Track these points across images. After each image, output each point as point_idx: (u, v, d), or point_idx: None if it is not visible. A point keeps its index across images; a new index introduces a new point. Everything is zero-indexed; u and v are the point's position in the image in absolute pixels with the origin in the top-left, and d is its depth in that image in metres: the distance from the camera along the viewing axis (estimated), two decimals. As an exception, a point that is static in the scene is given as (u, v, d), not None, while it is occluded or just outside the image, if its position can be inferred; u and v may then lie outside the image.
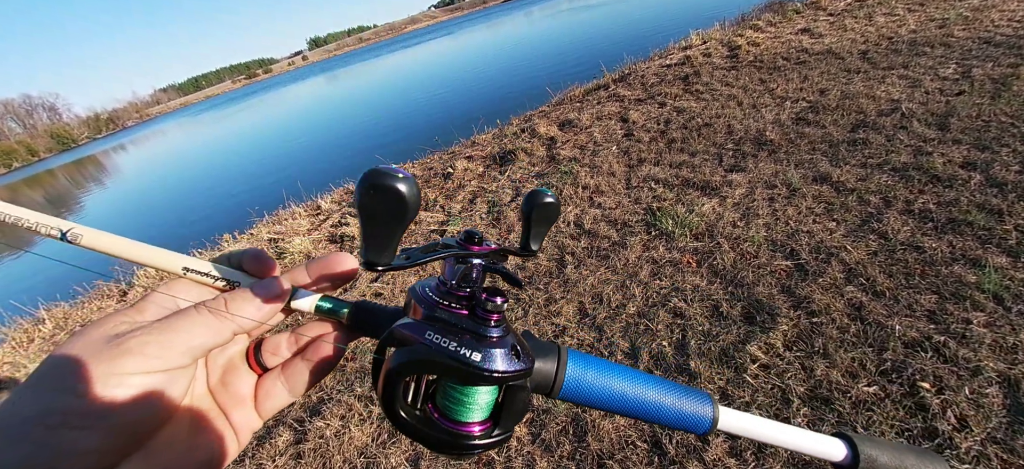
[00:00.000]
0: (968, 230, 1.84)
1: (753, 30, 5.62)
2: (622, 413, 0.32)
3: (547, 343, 0.32)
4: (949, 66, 3.23)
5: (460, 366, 0.26)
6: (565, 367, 0.32)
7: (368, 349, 0.29)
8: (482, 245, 0.32)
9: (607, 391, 0.32)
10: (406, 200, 0.23)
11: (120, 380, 0.23)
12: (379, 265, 0.26)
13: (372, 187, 0.23)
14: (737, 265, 2.02)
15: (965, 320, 1.50)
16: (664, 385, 0.32)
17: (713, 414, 0.32)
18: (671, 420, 0.32)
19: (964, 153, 2.28)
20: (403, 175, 0.23)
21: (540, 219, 0.34)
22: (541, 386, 0.31)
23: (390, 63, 35.01)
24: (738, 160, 2.86)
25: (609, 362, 0.33)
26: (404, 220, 0.24)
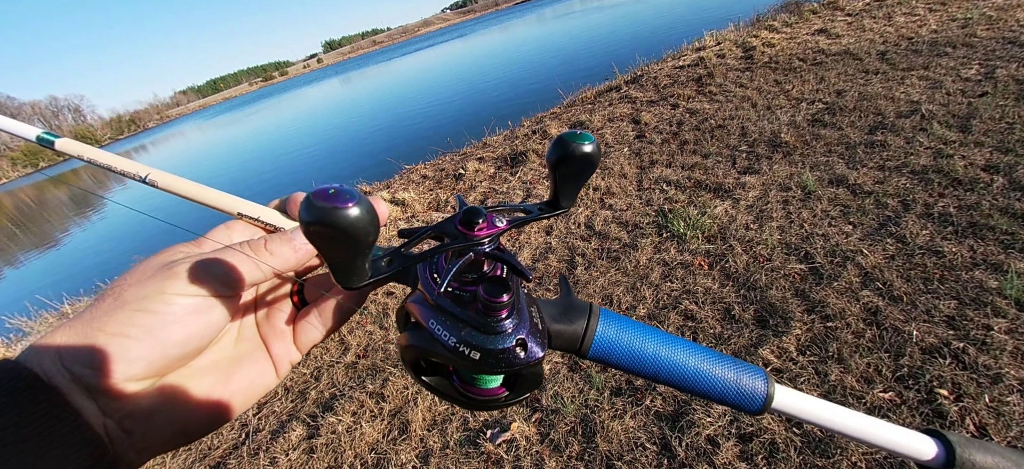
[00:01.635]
0: (990, 234, 1.80)
1: (768, 31, 5.55)
2: (660, 380, 0.29)
3: (579, 302, 0.31)
4: (972, 67, 3.15)
5: (460, 361, 0.26)
6: (595, 327, 0.30)
7: (379, 344, 0.30)
8: (488, 225, 0.29)
9: (643, 354, 0.29)
10: (355, 228, 0.20)
11: (166, 299, 0.25)
12: (354, 287, 0.24)
13: (313, 222, 0.20)
14: (750, 268, 2.00)
15: (985, 326, 1.47)
16: (709, 354, 0.30)
17: (767, 390, 0.29)
18: (716, 392, 0.29)
19: (986, 156, 2.22)
20: (348, 200, 0.20)
21: (572, 172, 0.30)
22: (569, 345, 0.30)
23: (403, 66, 35.34)
24: (752, 162, 2.83)
25: (647, 325, 0.31)
26: (360, 247, 0.21)
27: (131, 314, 0.24)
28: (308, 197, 0.20)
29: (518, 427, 1.62)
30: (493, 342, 0.25)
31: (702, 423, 1.44)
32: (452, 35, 65.48)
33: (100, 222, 13.01)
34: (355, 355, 2.23)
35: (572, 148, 0.29)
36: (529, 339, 0.26)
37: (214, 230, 0.32)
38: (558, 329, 0.30)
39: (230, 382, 0.29)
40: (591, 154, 0.30)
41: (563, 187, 0.32)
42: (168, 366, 0.26)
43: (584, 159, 0.30)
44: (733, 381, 0.29)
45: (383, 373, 2.04)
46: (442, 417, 1.76)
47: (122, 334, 0.24)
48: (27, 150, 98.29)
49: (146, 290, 0.25)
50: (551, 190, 0.32)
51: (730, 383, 0.29)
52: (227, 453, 1.91)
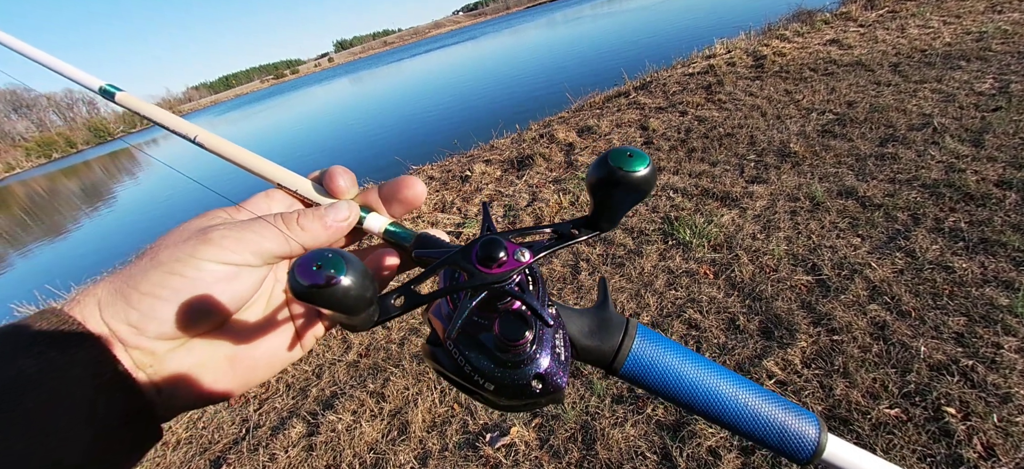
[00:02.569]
0: (1001, 251, 1.77)
1: (779, 40, 5.52)
2: (696, 410, 0.28)
3: (615, 316, 0.29)
4: (986, 81, 3.11)
5: (474, 389, 0.25)
6: (630, 345, 0.28)
7: (382, 344, 0.29)
8: (510, 260, 0.26)
9: (680, 379, 0.27)
10: (347, 300, 0.19)
11: (196, 263, 0.26)
12: (361, 330, 0.24)
13: (302, 297, 0.19)
14: (756, 278, 1.98)
15: (995, 344, 1.44)
16: (754, 389, 0.28)
17: (818, 438, 0.26)
18: (758, 432, 0.27)
19: (999, 171, 2.19)
20: (336, 276, 0.19)
21: (618, 199, 0.27)
22: (600, 361, 0.28)
23: (413, 66, 35.56)
24: (760, 171, 2.81)
25: (687, 349, 0.29)
26: (355, 310, 0.20)
27: (163, 275, 0.25)
28: (292, 271, 0.19)
29: (517, 432, 1.61)
30: (509, 376, 0.24)
31: (704, 433, 1.43)
32: (462, 37, 65.81)
33: (110, 214, 13.18)
34: (357, 354, 2.23)
35: (620, 175, 0.25)
36: (549, 373, 0.25)
37: (254, 198, 0.32)
38: (588, 345, 0.28)
39: (256, 349, 0.30)
40: (644, 179, 0.25)
41: (604, 209, 0.28)
42: (197, 329, 0.27)
43: (633, 186, 0.25)
44: (778, 422, 0.27)
45: (384, 373, 2.04)
46: (442, 419, 1.76)
47: (153, 294, 0.25)
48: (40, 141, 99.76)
49: (179, 253, 0.26)
50: (591, 209, 0.29)
51: (775, 424, 0.27)
52: (227, 447, 1.92)
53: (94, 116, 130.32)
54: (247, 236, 0.27)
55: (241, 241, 0.27)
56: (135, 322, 0.24)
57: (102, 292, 0.25)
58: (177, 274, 0.25)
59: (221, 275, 0.26)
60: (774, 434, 0.27)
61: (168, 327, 0.25)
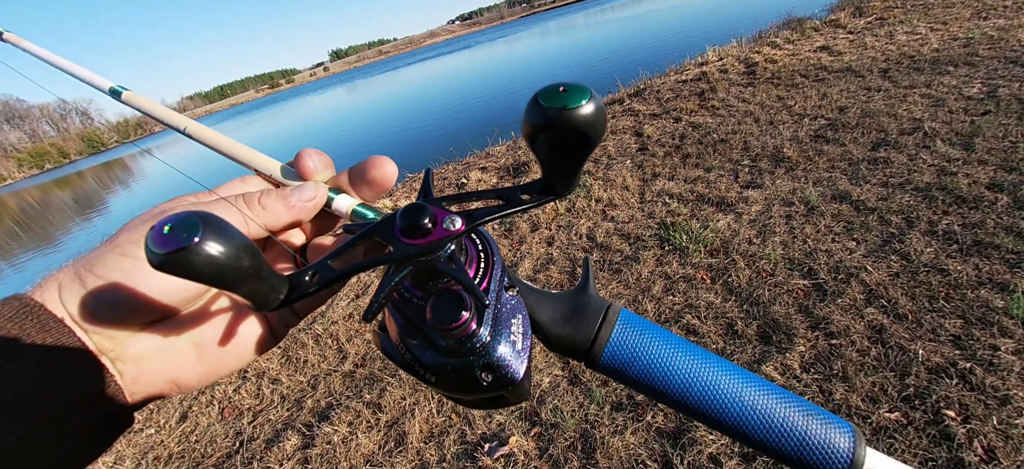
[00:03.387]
0: (995, 253, 1.78)
1: (770, 47, 5.59)
2: (693, 413, 0.23)
3: (595, 299, 0.25)
4: (974, 85, 3.15)
5: (418, 378, 0.22)
6: (609, 333, 0.24)
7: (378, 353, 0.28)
8: (437, 229, 0.22)
9: (673, 374, 0.23)
10: (211, 270, 0.17)
11: None
12: (266, 310, 0.21)
13: (160, 268, 0.16)
14: (753, 283, 1.98)
15: (992, 347, 1.45)
16: (767, 387, 0.22)
17: (853, 451, 0.21)
18: (773, 443, 0.22)
19: (990, 174, 2.22)
20: (186, 238, 0.16)
21: (562, 148, 0.20)
22: (575, 350, 0.25)
23: (408, 76, 35.70)
24: (754, 176, 2.83)
25: (682, 338, 0.24)
26: (229, 282, 0.18)
27: (116, 258, 0.25)
28: (146, 239, 0.17)
29: (516, 441, 1.59)
30: (450, 365, 0.21)
31: (705, 441, 1.41)
32: (457, 46, 66.23)
33: (103, 223, 13.04)
34: (353, 364, 2.21)
35: (555, 116, 0.19)
36: (501, 360, 0.21)
37: (228, 183, 0.32)
38: (561, 333, 0.25)
39: (226, 338, 0.29)
40: (588, 120, 0.19)
41: (553, 167, 0.22)
42: (155, 313, 0.26)
43: (577, 130, 0.19)
44: (798, 431, 0.21)
45: (380, 383, 2.02)
46: (440, 429, 1.73)
47: (106, 277, 0.24)
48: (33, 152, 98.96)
49: (135, 235, 0.25)
50: (541, 169, 0.23)
51: (793, 433, 0.21)
52: (221, 461, 1.89)
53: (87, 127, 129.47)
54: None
55: None
56: (90, 306, 0.24)
57: (62, 277, 0.25)
58: (129, 256, 0.25)
59: None
60: (792, 445, 0.21)
61: (122, 311, 0.25)
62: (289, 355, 2.40)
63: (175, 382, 0.27)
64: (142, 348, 0.26)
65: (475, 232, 0.26)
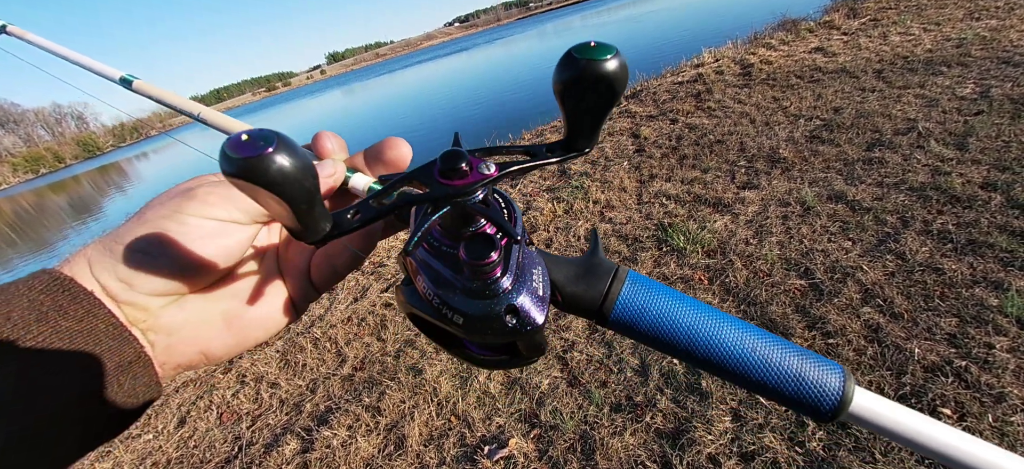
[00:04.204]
0: (989, 252, 1.80)
1: (766, 48, 5.62)
2: (697, 361, 0.25)
3: (605, 261, 0.27)
4: (967, 86, 3.18)
5: (445, 325, 0.23)
6: (619, 289, 0.26)
7: (377, 356, 0.29)
8: (473, 172, 0.24)
9: (677, 325, 0.24)
10: (280, 178, 0.18)
11: (181, 218, 0.26)
12: (310, 241, 0.22)
13: (232, 175, 0.18)
14: (750, 283, 1.99)
15: (987, 344, 1.46)
16: (765, 336, 0.24)
17: (842, 389, 0.23)
18: (771, 384, 0.23)
19: (984, 173, 2.24)
20: (265, 146, 0.17)
21: (589, 102, 0.23)
22: (587, 309, 0.26)
23: (405, 78, 35.69)
24: (751, 177, 2.84)
25: (684, 294, 0.26)
26: (294, 198, 0.19)
27: (149, 231, 0.26)
28: (222, 147, 0.18)
29: (516, 443, 1.60)
30: (478, 307, 0.22)
31: (703, 441, 1.42)
32: (454, 49, 66.31)
33: (98, 227, 12.98)
34: (352, 367, 2.20)
35: (585, 67, 0.22)
36: (523, 305, 0.23)
37: None
38: (575, 291, 0.26)
39: (250, 310, 0.30)
40: (614, 74, 0.22)
41: (578, 121, 0.25)
42: (187, 285, 0.27)
43: (606, 81, 0.22)
44: (793, 372, 0.23)
45: (380, 386, 2.01)
46: (439, 432, 1.73)
47: (141, 251, 0.25)
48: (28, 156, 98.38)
49: (165, 210, 0.26)
50: (565, 127, 0.26)
51: (788, 374, 0.23)
52: (220, 466, 1.88)
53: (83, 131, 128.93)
54: (232, 193, 0.28)
55: (225, 197, 0.27)
56: (124, 277, 0.25)
57: (92, 252, 0.25)
58: (162, 230, 0.26)
59: (207, 230, 0.27)
60: (789, 385, 0.23)
61: (157, 283, 0.25)
62: (288, 359, 2.40)
63: (204, 353, 0.28)
64: (173, 320, 0.27)
65: (497, 192, 0.28)
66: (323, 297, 2.95)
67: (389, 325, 2.42)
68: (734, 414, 1.49)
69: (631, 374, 1.72)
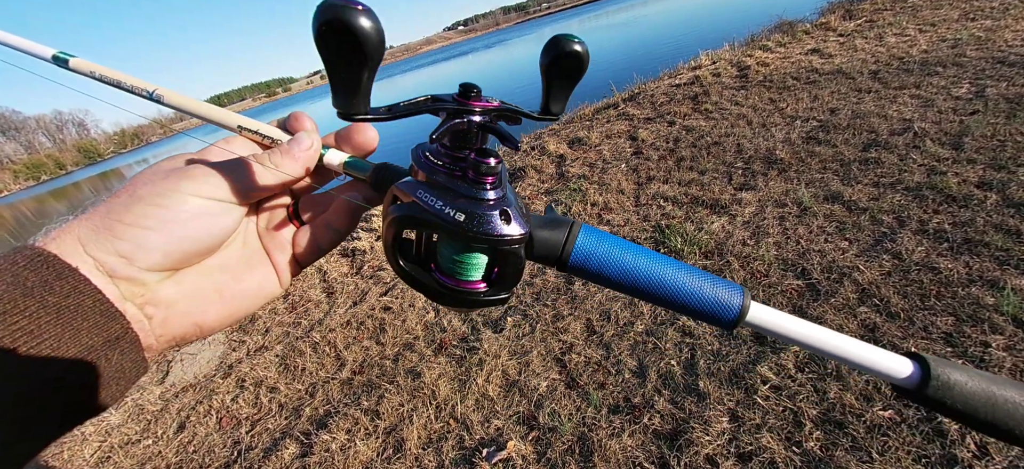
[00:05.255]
0: (985, 251, 1.80)
1: (762, 50, 5.65)
2: (639, 292, 0.30)
3: (561, 217, 0.32)
4: (962, 86, 3.20)
5: (445, 225, 0.26)
6: (575, 238, 0.30)
7: (376, 360, 0.29)
8: (481, 100, 0.31)
9: (622, 266, 0.30)
10: (361, 37, 0.21)
11: (181, 198, 0.27)
12: (352, 114, 0.26)
13: (324, 24, 0.21)
14: (747, 284, 2.00)
15: (983, 343, 1.46)
16: (687, 268, 0.30)
17: (742, 303, 0.29)
18: (693, 303, 0.29)
19: (979, 173, 2.25)
20: (360, 7, 0.21)
21: (561, 73, 0.31)
22: (549, 256, 0.31)
23: (405, 83, 35.78)
24: (748, 178, 2.85)
25: (626, 241, 0.31)
26: (366, 62, 0.23)
27: (147, 207, 0.26)
28: (321, 4, 0.21)
29: (515, 446, 1.60)
30: (478, 207, 0.27)
31: (701, 442, 1.42)
32: (453, 53, 66.54)
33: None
34: (351, 371, 2.21)
35: (562, 46, 0.30)
36: (513, 213, 0.27)
37: (212, 145, 0.33)
38: (541, 236, 0.30)
39: (240, 283, 0.32)
40: (581, 54, 0.30)
41: (555, 92, 0.33)
42: (183, 260, 0.28)
43: (574, 57, 0.30)
44: (709, 293, 0.29)
45: (379, 389, 2.02)
46: (437, 435, 1.73)
47: (139, 225, 0.26)
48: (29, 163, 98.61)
49: (161, 188, 0.27)
50: (543, 97, 0.33)
51: (706, 295, 0.29)
52: (218, 471, 1.88)
53: (84, 138, 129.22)
54: (226, 171, 0.29)
55: (221, 175, 0.29)
56: (125, 252, 0.25)
57: (81, 229, 0.25)
58: (161, 206, 0.26)
59: (203, 209, 0.28)
60: (708, 303, 0.29)
61: (156, 257, 0.26)
62: (287, 363, 2.40)
63: (198, 325, 0.30)
64: (170, 293, 0.28)
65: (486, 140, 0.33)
66: (322, 301, 2.95)
67: (388, 329, 2.42)
68: (731, 415, 1.49)
69: (629, 375, 1.73)
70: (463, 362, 2.03)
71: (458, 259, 0.29)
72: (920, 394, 0.27)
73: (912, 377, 0.27)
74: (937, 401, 0.26)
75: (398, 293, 2.72)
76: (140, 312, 0.26)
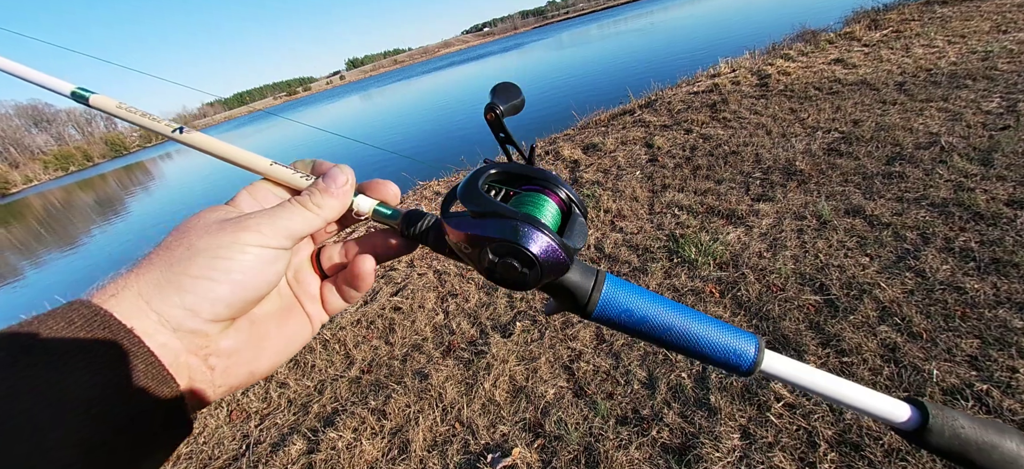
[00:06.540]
0: (1014, 272, 1.73)
1: (784, 59, 5.55)
2: (659, 342, 0.32)
3: (588, 267, 0.33)
4: (993, 100, 3.09)
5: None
6: (602, 288, 0.31)
7: (384, 360, 0.30)
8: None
9: (643, 318, 0.31)
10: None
11: (243, 248, 0.28)
12: None
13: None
14: (763, 297, 1.95)
15: (1011, 369, 1.40)
16: (706, 319, 0.31)
17: (756, 354, 0.31)
18: (711, 353, 0.31)
19: (1009, 190, 2.16)
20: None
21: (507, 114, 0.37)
22: (575, 304, 0.32)
23: (423, 85, 36.13)
24: (766, 189, 2.80)
25: (647, 290, 0.32)
26: None
27: (211, 260, 0.27)
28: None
29: (520, 453, 1.58)
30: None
31: (711, 458, 1.39)
32: (471, 56, 66.99)
33: (120, 223, 13.39)
34: (359, 370, 2.22)
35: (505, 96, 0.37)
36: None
37: (239, 195, 0.33)
38: (568, 283, 0.31)
39: (283, 328, 0.33)
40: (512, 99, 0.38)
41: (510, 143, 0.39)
42: (243, 309, 0.29)
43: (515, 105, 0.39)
44: (723, 344, 0.31)
45: (386, 389, 2.03)
46: (443, 438, 1.73)
47: (205, 277, 0.26)
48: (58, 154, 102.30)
49: (221, 239, 0.27)
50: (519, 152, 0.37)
51: (721, 345, 0.31)
52: (227, 463, 1.91)
53: (111, 130, 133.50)
54: (279, 221, 0.30)
55: (275, 226, 0.29)
56: (191, 305, 0.26)
57: (141, 284, 0.25)
58: (225, 257, 0.27)
59: (261, 257, 0.28)
60: (721, 353, 0.31)
61: (221, 308, 0.27)
62: (297, 360, 2.43)
63: (252, 372, 0.30)
64: (230, 344, 0.29)
65: None
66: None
67: (397, 329, 2.44)
68: (743, 431, 1.46)
69: (638, 387, 1.70)
70: (471, 365, 2.03)
71: None
72: (920, 438, 0.29)
73: (911, 421, 0.29)
74: (935, 446, 0.29)
75: (408, 294, 2.73)
76: (204, 364, 0.27)
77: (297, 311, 0.34)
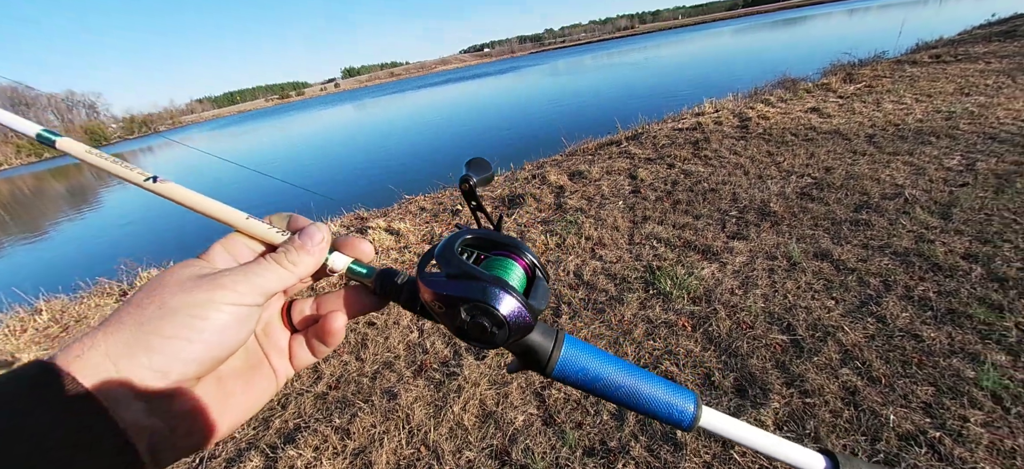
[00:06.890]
0: (967, 323, 1.81)
1: (764, 104, 5.79)
2: (610, 399, 0.34)
3: (547, 328, 0.34)
4: (954, 157, 3.28)
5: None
6: (561, 348, 0.33)
7: (353, 376, 0.30)
8: None
9: (598, 377, 0.34)
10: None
11: (218, 307, 0.27)
12: None
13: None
14: (732, 334, 1.99)
15: (962, 417, 1.45)
16: (652, 378, 0.34)
17: (695, 411, 0.34)
18: (656, 411, 0.34)
19: (966, 244, 2.28)
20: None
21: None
22: (536, 363, 0.34)
23: (417, 99, 36.36)
24: (741, 228, 2.88)
25: (601, 350, 0.35)
26: None
27: (186, 319, 0.26)
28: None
29: (484, 478, 1.55)
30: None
31: (673, 493, 1.39)
32: (466, 75, 67.96)
33: (91, 215, 12.92)
34: (327, 385, 2.17)
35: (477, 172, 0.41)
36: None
37: (213, 248, 0.32)
38: (531, 343, 0.33)
39: (249, 386, 0.32)
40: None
41: None
42: (211, 368, 0.28)
43: None
44: (668, 401, 0.34)
45: (352, 407, 1.98)
46: (407, 462, 1.69)
47: (179, 337, 0.26)
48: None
49: (194, 298, 0.27)
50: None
51: (665, 402, 0.34)
52: (179, 477, 1.82)
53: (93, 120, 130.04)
54: (253, 279, 0.29)
55: (251, 283, 0.29)
56: (160, 366, 0.25)
57: (109, 343, 0.25)
58: (199, 316, 0.26)
59: (236, 316, 0.28)
60: (663, 410, 0.34)
61: (193, 368, 0.26)
62: (263, 370, 2.35)
63: (215, 431, 0.30)
64: (194, 403, 0.28)
65: None
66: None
67: (369, 345, 2.39)
68: (706, 466, 1.46)
69: (607, 418, 1.70)
70: (441, 387, 2.00)
71: None
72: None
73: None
74: None
75: (384, 310, 2.69)
76: (166, 426, 0.26)
77: (264, 367, 0.34)
